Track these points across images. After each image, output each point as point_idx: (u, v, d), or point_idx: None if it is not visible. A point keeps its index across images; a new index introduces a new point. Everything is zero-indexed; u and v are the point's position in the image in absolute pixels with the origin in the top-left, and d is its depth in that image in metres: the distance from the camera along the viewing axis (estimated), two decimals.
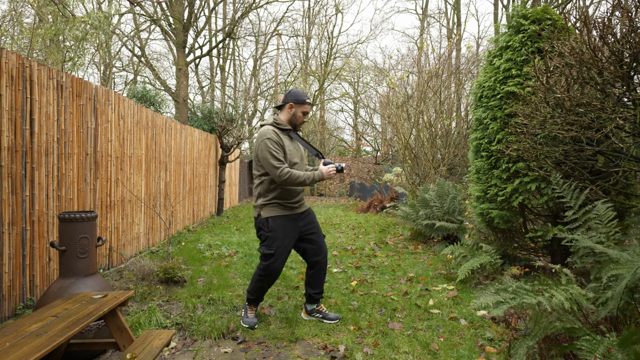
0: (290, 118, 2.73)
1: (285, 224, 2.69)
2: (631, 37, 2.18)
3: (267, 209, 2.69)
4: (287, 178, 2.53)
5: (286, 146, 2.66)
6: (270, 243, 2.66)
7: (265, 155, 2.56)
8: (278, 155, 2.56)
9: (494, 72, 3.56)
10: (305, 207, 2.86)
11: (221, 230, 6.93)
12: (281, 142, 2.63)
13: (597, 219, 2.32)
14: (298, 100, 2.71)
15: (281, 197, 2.70)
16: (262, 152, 2.58)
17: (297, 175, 2.55)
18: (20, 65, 2.90)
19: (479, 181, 3.76)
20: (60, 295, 2.30)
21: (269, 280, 2.75)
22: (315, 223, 2.88)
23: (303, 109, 2.73)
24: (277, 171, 2.54)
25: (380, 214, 9.23)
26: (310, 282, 2.91)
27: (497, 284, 1.94)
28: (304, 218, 2.81)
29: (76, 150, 3.59)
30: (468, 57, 9.48)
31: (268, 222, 2.67)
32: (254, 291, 2.81)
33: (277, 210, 2.69)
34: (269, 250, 2.66)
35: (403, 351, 2.41)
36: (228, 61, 20.89)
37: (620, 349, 1.48)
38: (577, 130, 2.56)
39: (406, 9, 37.61)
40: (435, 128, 8.03)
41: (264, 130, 2.65)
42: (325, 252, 2.89)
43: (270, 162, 2.55)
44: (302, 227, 2.79)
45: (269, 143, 2.57)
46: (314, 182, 2.62)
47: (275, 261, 2.67)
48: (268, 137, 2.59)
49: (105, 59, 16.31)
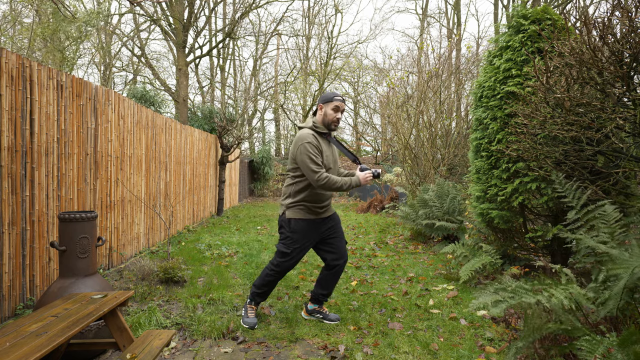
0: (323, 119, 2.72)
1: (307, 228, 2.70)
2: (631, 37, 2.18)
3: (293, 210, 2.70)
4: (324, 183, 2.53)
5: (324, 151, 2.67)
6: (289, 243, 2.68)
7: (303, 159, 2.56)
8: (317, 160, 2.56)
9: (494, 72, 3.56)
10: (331, 212, 2.87)
11: (221, 230, 6.93)
12: (320, 146, 2.63)
13: (603, 218, 2.31)
14: (325, 99, 2.71)
15: (309, 201, 2.70)
16: (300, 155, 2.58)
17: (334, 180, 2.55)
18: (20, 65, 2.90)
19: (479, 181, 3.76)
20: (60, 295, 2.31)
21: (278, 277, 2.78)
22: (339, 228, 2.88)
23: (332, 106, 2.69)
24: (315, 175, 2.53)
25: (380, 214, 9.23)
26: (321, 282, 2.91)
27: (496, 284, 1.94)
28: (328, 222, 2.82)
29: (76, 150, 3.59)
30: (468, 57, 9.48)
31: (290, 223, 2.68)
32: (263, 285, 2.82)
33: (302, 213, 2.70)
34: (286, 250, 2.68)
35: (403, 351, 2.41)
36: (228, 61, 20.90)
37: (620, 349, 1.48)
38: (577, 130, 2.56)
39: (406, 9, 37.63)
40: (435, 128, 8.03)
41: (304, 133, 2.64)
42: (346, 258, 2.89)
43: (309, 166, 2.54)
44: (324, 231, 2.79)
45: (308, 147, 2.56)
46: (350, 188, 2.62)
47: (289, 260, 2.70)
48: (308, 140, 2.58)
49: (105, 59, 16.31)
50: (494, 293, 1.82)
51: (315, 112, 2.79)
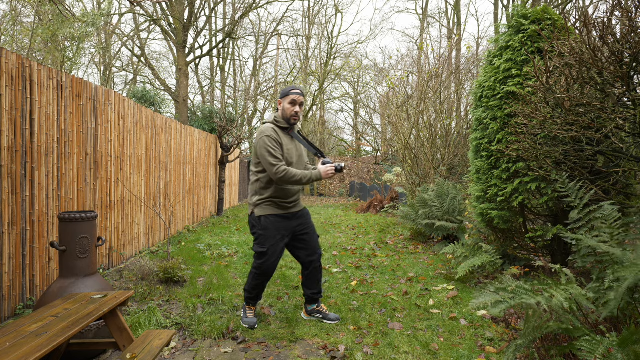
0: (282, 113, 2.72)
1: (277, 223, 2.69)
2: (631, 37, 2.18)
3: (261, 207, 2.69)
4: (283, 176, 2.53)
5: (285, 144, 2.67)
6: (263, 241, 2.67)
7: (262, 153, 2.57)
8: (275, 153, 2.56)
9: (494, 72, 3.56)
10: (300, 207, 2.86)
11: (221, 230, 6.93)
12: (280, 139, 2.64)
13: (602, 219, 2.32)
14: (283, 92, 2.72)
15: (277, 196, 2.70)
16: (260, 149, 2.59)
17: (293, 173, 2.55)
18: (20, 65, 2.90)
19: (479, 181, 3.76)
20: (60, 295, 2.31)
21: (264, 278, 2.76)
22: (310, 223, 2.87)
23: (289, 100, 2.68)
24: (273, 168, 2.54)
25: (380, 214, 9.23)
26: (305, 283, 2.91)
27: (496, 284, 1.94)
28: (298, 218, 2.81)
29: (76, 150, 3.59)
30: (468, 57, 9.48)
31: (260, 221, 2.67)
32: (252, 289, 2.82)
33: (271, 209, 2.69)
34: (262, 249, 2.67)
35: (403, 351, 2.41)
36: (228, 61, 20.90)
37: (620, 349, 1.48)
38: (577, 130, 2.56)
39: (406, 9, 37.63)
40: (435, 128, 8.03)
41: (264, 127, 2.66)
42: (320, 253, 2.88)
43: (267, 160, 2.55)
44: (295, 226, 2.78)
45: (267, 140, 2.57)
46: (311, 182, 2.61)
47: (268, 259, 2.67)
48: (267, 134, 2.60)
49: (105, 59, 16.31)
50: (494, 293, 1.81)
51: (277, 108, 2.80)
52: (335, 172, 2.63)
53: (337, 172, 2.65)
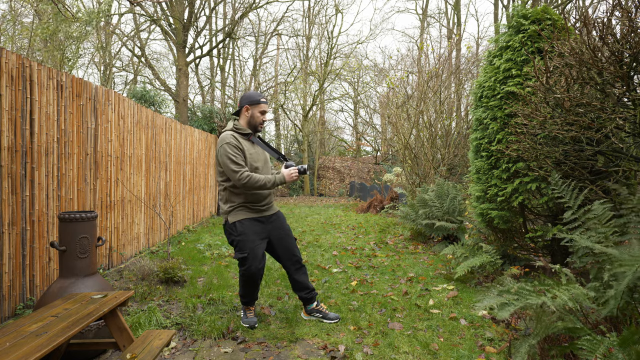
0: (249, 120, 2.72)
1: (253, 226, 2.68)
2: (631, 37, 2.18)
3: (234, 213, 2.68)
4: (246, 182, 2.53)
5: (246, 150, 2.65)
6: (242, 246, 2.64)
7: (224, 161, 2.56)
8: (237, 160, 2.56)
9: (494, 72, 3.56)
10: (274, 210, 2.85)
11: (221, 230, 6.93)
12: (240, 146, 2.62)
13: (596, 218, 2.32)
14: (252, 101, 2.70)
15: (247, 201, 2.69)
16: (221, 157, 2.58)
17: (257, 178, 2.54)
18: (20, 65, 2.90)
19: (479, 181, 3.76)
20: (60, 295, 2.30)
21: (253, 282, 2.73)
22: (285, 226, 2.85)
23: (259, 109, 2.71)
24: (236, 175, 2.53)
25: (380, 214, 9.23)
26: (294, 286, 2.90)
27: (498, 285, 1.94)
28: (273, 221, 2.80)
29: (76, 150, 3.59)
30: (468, 57, 9.48)
31: (235, 226, 2.65)
32: (245, 294, 2.81)
33: (244, 213, 2.68)
34: (242, 254, 2.64)
35: (403, 351, 2.41)
36: (228, 61, 20.90)
37: (620, 349, 1.48)
38: (577, 130, 2.56)
39: (406, 9, 37.63)
40: (435, 128, 8.03)
41: (223, 135, 2.64)
42: (298, 255, 2.86)
43: (229, 167, 2.54)
44: (270, 230, 2.77)
45: (227, 148, 2.56)
46: (275, 186, 2.62)
47: (251, 263, 2.63)
48: (227, 141, 2.58)
49: (105, 59, 16.31)
50: (498, 295, 1.81)
51: (236, 113, 2.78)
52: (299, 175, 2.66)
53: (300, 174, 2.67)
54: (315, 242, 5.90)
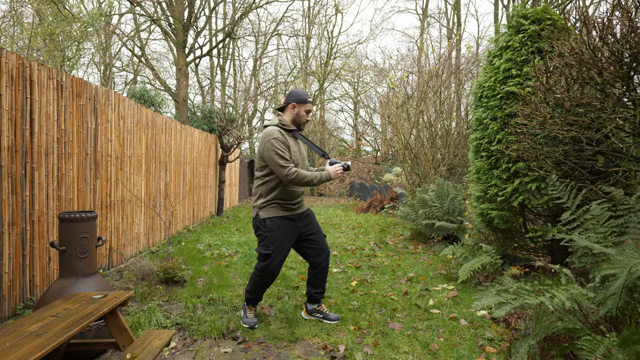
0: (294, 118, 2.74)
1: (283, 225, 2.69)
2: (631, 37, 2.18)
3: (266, 209, 2.69)
4: (294, 177, 2.54)
5: (291, 147, 2.68)
6: (268, 243, 2.66)
7: (271, 155, 2.56)
8: (285, 155, 2.57)
9: (494, 72, 3.56)
10: (304, 208, 2.86)
11: (221, 230, 6.93)
12: (287, 142, 2.65)
13: (594, 219, 2.32)
14: (300, 99, 2.73)
15: (282, 198, 2.70)
16: (268, 152, 2.58)
17: (304, 174, 2.56)
18: (20, 65, 2.90)
19: (479, 181, 3.76)
20: (60, 295, 2.30)
21: (267, 281, 2.75)
22: (315, 223, 2.87)
23: (306, 108, 2.74)
24: (284, 170, 2.54)
25: (380, 214, 9.23)
26: (312, 282, 2.91)
27: (497, 285, 1.94)
28: (303, 219, 2.81)
29: (76, 150, 3.59)
30: (468, 57, 9.48)
31: (266, 223, 2.67)
32: (253, 291, 2.81)
33: (276, 211, 2.69)
34: (267, 251, 2.66)
35: (403, 351, 2.41)
36: (228, 61, 20.90)
37: (620, 349, 1.48)
38: (577, 130, 2.56)
39: (406, 9, 37.64)
40: (435, 128, 8.03)
41: (270, 130, 2.64)
42: (328, 253, 2.88)
43: (277, 162, 2.55)
44: (301, 227, 2.78)
45: (275, 143, 2.57)
46: (321, 182, 2.63)
47: (272, 261, 2.66)
48: (274, 137, 2.59)
49: (105, 59, 16.31)
50: (497, 295, 1.81)
51: (281, 108, 2.79)
52: (343, 171, 2.69)
53: (344, 171, 2.71)
54: None
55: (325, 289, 2.95)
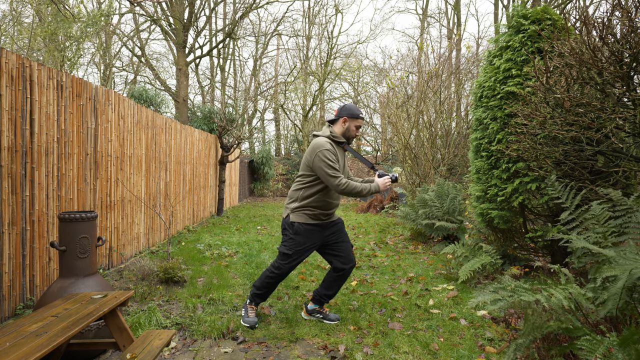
0: (344, 132, 2.80)
1: (310, 232, 2.74)
2: (631, 37, 2.18)
3: (298, 214, 2.74)
4: (345, 188, 2.59)
5: (339, 159, 2.75)
6: (292, 245, 2.71)
7: (321, 166, 2.61)
8: (335, 166, 2.63)
9: (494, 72, 3.56)
10: (334, 218, 2.91)
11: (221, 230, 6.93)
12: (337, 154, 2.72)
13: (593, 219, 2.32)
14: (352, 114, 2.78)
15: (316, 207, 2.74)
16: (318, 161, 2.63)
17: (354, 185, 2.61)
18: (20, 65, 2.90)
19: (479, 181, 3.76)
20: (60, 295, 2.30)
21: (278, 279, 2.81)
22: (343, 232, 2.91)
23: (357, 123, 2.80)
24: (335, 180, 2.59)
25: (380, 214, 9.23)
26: (327, 283, 2.92)
27: (496, 284, 1.94)
28: (332, 227, 2.85)
29: (76, 150, 3.59)
30: (468, 57, 9.47)
31: (294, 226, 2.72)
32: (262, 287, 2.84)
33: (306, 218, 2.74)
34: (288, 251, 2.72)
35: (403, 351, 2.41)
36: (228, 61, 20.91)
37: (620, 349, 1.48)
38: (577, 130, 2.56)
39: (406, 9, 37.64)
40: (435, 128, 8.03)
41: (321, 141, 2.70)
42: (354, 262, 2.91)
43: (327, 172, 2.60)
44: (327, 235, 2.83)
45: (327, 154, 2.63)
46: (370, 193, 2.68)
47: (290, 262, 2.74)
48: (326, 148, 2.65)
49: (105, 59, 16.31)
50: (493, 292, 1.82)
51: (332, 121, 2.84)
52: (391, 183, 2.75)
53: (393, 182, 2.77)
54: None
55: (334, 295, 2.95)
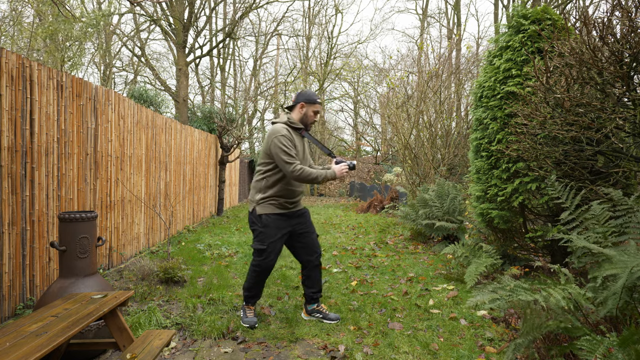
0: (302, 117, 2.79)
1: (278, 221, 2.73)
2: (631, 37, 2.18)
3: (263, 205, 2.72)
4: (299, 174, 2.57)
5: (297, 145, 2.73)
6: (263, 238, 2.69)
7: (277, 152, 2.60)
8: (290, 152, 2.61)
9: (494, 72, 3.56)
10: (300, 206, 2.90)
11: (221, 230, 6.93)
12: (293, 139, 2.69)
13: (594, 219, 2.32)
14: (309, 99, 2.77)
15: (280, 196, 2.73)
16: (274, 148, 2.62)
17: (309, 171, 2.59)
18: (20, 65, 2.90)
19: (479, 181, 3.76)
20: (60, 295, 2.30)
21: (264, 275, 2.79)
22: (309, 222, 2.90)
23: (314, 108, 2.79)
24: (290, 167, 2.57)
25: (380, 214, 9.23)
26: (305, 282, 2.93)
27: (495, 283, 1.94)
28: (298, 216, 2.84)
29: (76, 150, 3.59)
30: (468, 57, 9.47)
31: (261, 218, 2.71)
32: (251, 287, 2.83)
33: (273, 208, 2.72)
34: (262, 246, 2.69)
35: (403, 351, 2.41)
36: (228, 61, 20.90)
37: (620, 349, 1.48)
38: (577, 130, 2.56)
39: (406, 9, 37.63)
40: (435, 128, 8.03)
41: (278, 127, 2.68)
42: (319, 252, 2.90)
43: (282, 158, 2.59)
44: (294, 224, 2.81)
45: (282, 139, 2.61)
46: (326, 180, 2.65)
47: (268, 256, 2.71)
48: (282, 134, 2.63)
49: (105, 59, 16.30)
50: (492, 292, 1.82)
51: (290, 107, 2.83)
52: (348, 170, 2.71)
53: (350, 170, 2.73)
54: None
55: (321, 288, 2.96)
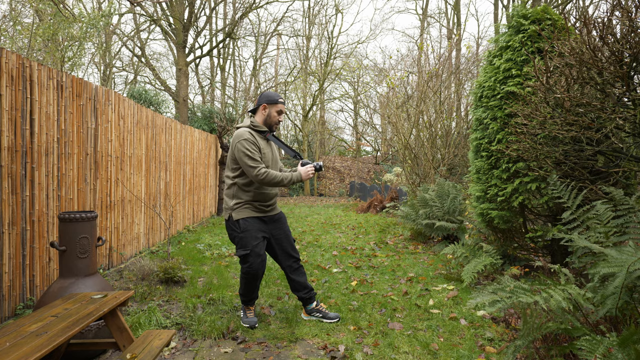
0: (265, 119, 2.76)
1: (256, 223, 2.71)
2: (631, 37, 2.18)
3: (239, 210, 2.70)
4: (264, 178, 2.55)
5: (262, 148, 2.69)
6: (245, 243, 2.66)
7: (241, 156, 2.59)
8: (254, 156, 2.58)
9: (494, 72, 3.56)
10: (276, 211, 2.88)
11: (221, 230, 6.93)
12: (257, 143, 2.66)
13: (596, 218, 2.32)
14: (270, 100, 2.74)
15: (255, 200, 2.71)
16: (238, 152, 2.60)
17: (274, 175, 2.57)
18: (20, 65, 2.90)
19: (479, 181, 3.76)
20: (60, 295, 2.31)
21: (254, 280, 2.74)
22: (285, 227, 2.88)
23: (276, 108, 2.75)
24: (254, 171, 2.55)
25: (380, 214, 9.23)
26: (292, 286, 2.92)
27: (495, 284, 1.94)
28: (275, 221, 2.83)
29: (76, 150, 3.59)
30: (468, 57, 9.47)
31: (239, 224, 2.67)
32: (246, 293, 2.82)
33: (249, 212, 2.70)
34: (245, 251, 2.65)
35: (403, 351, 2.41)
36: (228, 61, 20.90)
37: (620, 349, 1.48)
38: (577, 130, 2.56)
39: (406, 9, 37.61)
40: (435, 128, 8.03)
41: (240, 132, 2.67)
42: (296, 256, 2.89)
43: (246, 163, 2.57)
44: (272, 230, 2.80)
45: (245, 144, 2.59)
46: (291, 183, 2.64)
47: (254, 260, 2.65)
48: (244, 138, 2.61)
49: (105, 59, 16.31)
50: (492, 293, 1.82)
51: (253, 110, 2.80)
52: (315, 172, 2.69)
53: (316, 171, 2.71)
54: (315, 242, 5.90)
55: (311, 288, 2.93)
